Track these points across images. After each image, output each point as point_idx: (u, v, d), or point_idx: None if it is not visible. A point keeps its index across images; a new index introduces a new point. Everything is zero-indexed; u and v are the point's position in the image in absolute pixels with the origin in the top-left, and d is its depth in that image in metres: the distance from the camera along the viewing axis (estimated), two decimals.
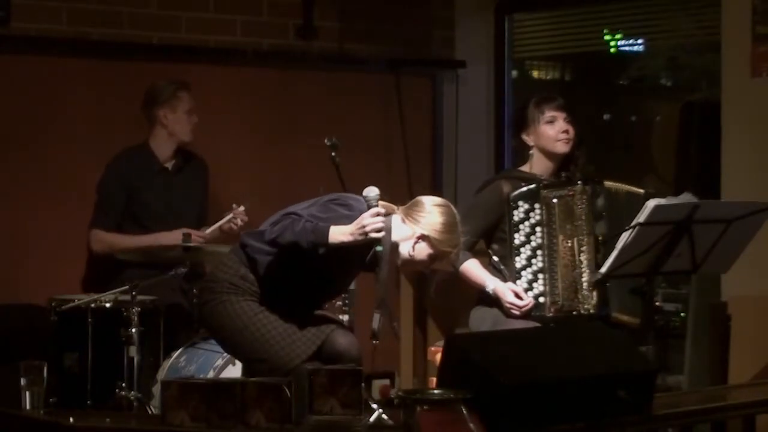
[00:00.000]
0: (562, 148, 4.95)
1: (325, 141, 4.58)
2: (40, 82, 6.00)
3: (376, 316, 4.38)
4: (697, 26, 6.49)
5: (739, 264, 4.75)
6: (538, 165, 5.01)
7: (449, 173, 7.09)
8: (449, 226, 4.44)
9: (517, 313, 4.83)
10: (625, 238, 4.49)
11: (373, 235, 4.19)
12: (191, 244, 5.47)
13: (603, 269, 4.62)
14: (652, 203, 4.45)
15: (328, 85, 6.72)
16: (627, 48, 7.08)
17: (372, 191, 4.29)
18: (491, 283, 4.89)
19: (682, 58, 6.93)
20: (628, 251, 4.49)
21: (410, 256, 4.43)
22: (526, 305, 4.83)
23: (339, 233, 4.20)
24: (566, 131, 4.94)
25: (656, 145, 6.57)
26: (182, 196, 5.90)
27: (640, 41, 7.05)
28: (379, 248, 4.25)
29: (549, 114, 4.96)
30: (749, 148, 5.66)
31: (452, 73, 7.14)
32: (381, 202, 4.32)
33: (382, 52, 6.88)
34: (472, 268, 4.95)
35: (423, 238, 4.40)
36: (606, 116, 7.40)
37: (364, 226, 4.18)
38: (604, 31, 6.96)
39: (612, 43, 6.99)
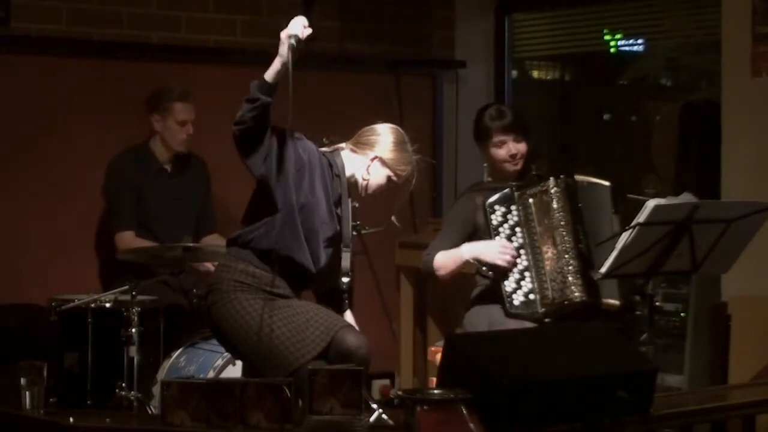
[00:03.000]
0: (510, 168, 5.01)
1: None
2: (40, 82, 6.00)
3: (346, 255, 4.55)
4: (697, 26, 6.49)
5: (739, 264, 4.75)
6: (495, 177, 5.07)
7: (449, 173, 7.09)
8: (400, 144, 4.60)
9: (504, 263, 4.83)
10: (624, 238, 4.49)
11: (291, 33, 4.31)
12: (191, 245, 5.47)
13: (603, 269, 4.62)
14: (651, 203, 4.45)
15: (328, 85, 6.72)
16: (627, 48, 7.08)
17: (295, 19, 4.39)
18: (467, 252, 4.89)
19: (682, 58, 6.93)
20: (628, 251, 4.49)
21: (365, 180, 4.56)
22: (508, 252, 4.84)
23: (270, 68, 4.30)
24: (514, 155, 4.98)
25: (656, 145, 6.57)
26: (182, 198, 5.90)
27: (640, 41, 7.04)
28: (292, 42, 4.31)
29: (497, 138, 4.99)
30: (749, 148, 5.66)
31: (452, 73, 7.15)
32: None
33: (382, 52, 6.88)
34: (443, 255, 4.96)
35: (376, 159, 4.54)
36: (606, 116, 7.40)
37: (283, 38, 4.30)
38: (604, 31, 6.96)
39: (612, 43, 6.99)
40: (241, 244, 4.45)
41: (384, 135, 4.60)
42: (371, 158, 4.56)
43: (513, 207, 4.90)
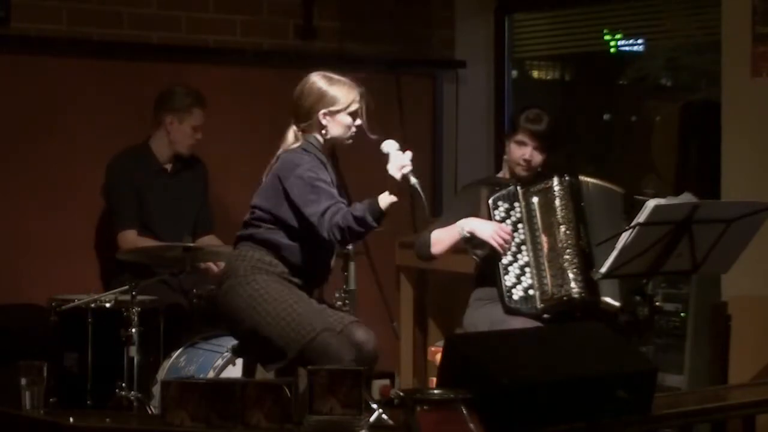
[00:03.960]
0: (519, 171, 5.04)
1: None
2: (40, 82, 6.00)
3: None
4: (697, 26, 6.48)
5: (739, 264, 4.75)
6: (508, 173, 5.10)
7: (449, 173, 7.09)
8: (331, 85, 4.55)
9: (496, 244, 4.83)
10: (624, 238, 4.49)
11: (405, 171, 4.36)
12: (191, 245, 5.47)
13: (603, 269, 4.62)
14: (651, 203, 4.45)
15: None
16: (627, 48, 7.07)
17: (388, 146, 4.44)
18: (462, 224, 4.90)
19: (682, 58, 6.93)
20: (628, 251, 4.49)
21: (333, 138, 4.56)
22: (505, 232, 4.85)
23: (384, 198, 4.33)
24: (528, 160, 4.98)
25: (656, 145, 6.57)
26: (181, 199, 5.90)
27: (640, 41, 7.04)
28: (414, 180, 4.39)
29: (521, 136, 4.99)
30: (749, 148, 5.66)
31: (452, 73, 7.14)
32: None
33: (382, 52, 6.87)
34: (439, 231, 4.98)
35: (325, 116, 4.51)
36: (606, 116, 7.40)
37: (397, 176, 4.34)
38: (604, 31, 6.95)
39: (612, 43, 6.98)
40: (257, 240, 4.49)
41: (314, 92, 4.56)
42: (321, 119, 4.53)
43: (516, 204, 4.93)
